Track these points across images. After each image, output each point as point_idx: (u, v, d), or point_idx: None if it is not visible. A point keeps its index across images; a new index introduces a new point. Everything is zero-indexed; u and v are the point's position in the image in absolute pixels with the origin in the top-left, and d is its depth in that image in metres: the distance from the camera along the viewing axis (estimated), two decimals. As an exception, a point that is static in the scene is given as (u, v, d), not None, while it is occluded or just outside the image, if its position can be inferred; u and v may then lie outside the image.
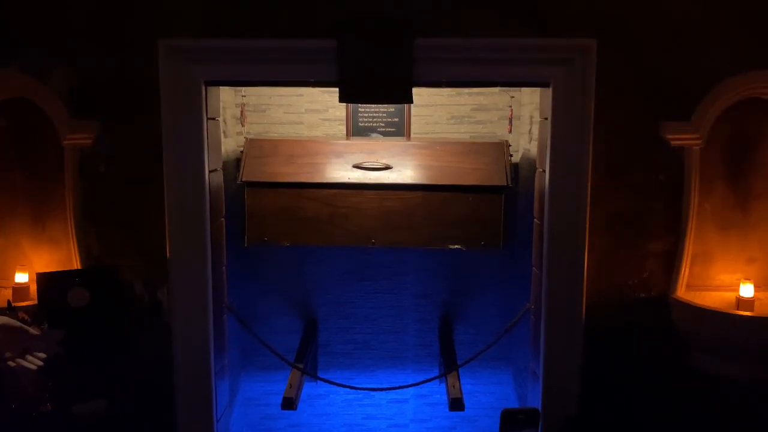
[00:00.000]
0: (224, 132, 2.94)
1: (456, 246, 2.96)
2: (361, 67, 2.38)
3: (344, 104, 3.19)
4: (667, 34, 2.43)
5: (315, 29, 2.39)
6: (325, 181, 2.97)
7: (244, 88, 3.14)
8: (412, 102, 2.46)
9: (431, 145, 3.07)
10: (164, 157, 2.46)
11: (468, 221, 2.96)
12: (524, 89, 3.10)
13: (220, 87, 2.72)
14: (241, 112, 3.20)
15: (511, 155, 3.08)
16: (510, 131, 3.21)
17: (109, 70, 2.49)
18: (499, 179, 2.95)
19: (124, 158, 2.54)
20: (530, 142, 3.00)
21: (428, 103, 3.23)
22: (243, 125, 3.21)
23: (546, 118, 2.53)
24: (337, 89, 2.43)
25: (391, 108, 3.21)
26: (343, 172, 2.98)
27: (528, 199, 2.92)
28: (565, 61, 2.41)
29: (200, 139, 2.49)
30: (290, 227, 2.99)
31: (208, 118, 2.53)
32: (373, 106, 3.20)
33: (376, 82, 2.39)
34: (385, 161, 3.00)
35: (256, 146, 3.08)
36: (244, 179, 2.98)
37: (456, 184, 2.96)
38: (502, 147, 3.05)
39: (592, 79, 2.40)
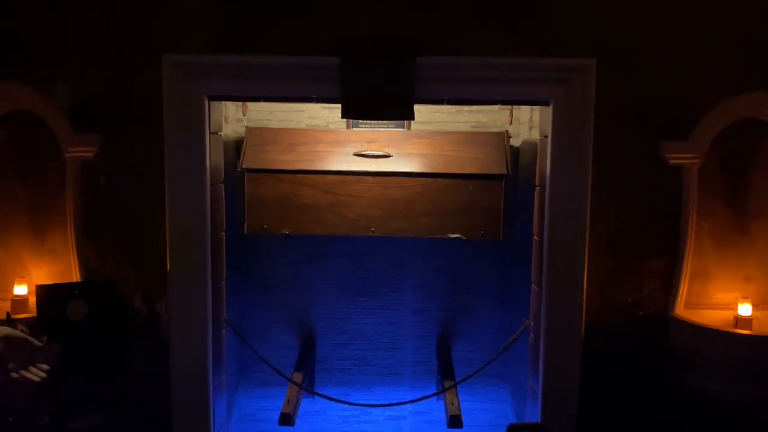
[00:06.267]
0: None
1: (456, 235, 2.97)
2: (363, 85, 2.40)
3: (345, 120, 3.21)
4: (666, 55, 2.46)
5: (318, 47, 2.41)
6: (325, 168, 2.98)
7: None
8: (413, 119, 2.48)
9: (431, 134, 3.10)
10: (166, 170, 2.47)
11: (468, 210, 2.97)
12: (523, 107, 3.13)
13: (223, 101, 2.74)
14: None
15: (511, 146, 3.10)
16: (510, 122, 3.22)
17: (112, 84, 2.50)
18: (499, 168, 2.97)
19: (126, 172, 2.55)
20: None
21: (428, 121, 3.26)
22: (244, 114, 3.21)
23: (545, 136, 2.55)
24: (338, 105, 2.45)
25: (392, 124, 3.23)
26: (343, 160, 2.99)
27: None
28: (565, 81, 2.44)
29: (202, 154, 2.50)
30: (290, 215, 3.00)
31: (210, 133, 2.54)
32: (373, 121, 3.22)
33: (377, 99, 2.41)
34: (385, 150, 3.02)
35: (257, 134, 3.09)
36: (244, 166, 2.98)
37: (456, 173, 2.97)
38: (502, 137, 3.07)
39: (591, 98, 2.42)
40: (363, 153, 3.00)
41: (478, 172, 2.97)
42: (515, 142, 3.20)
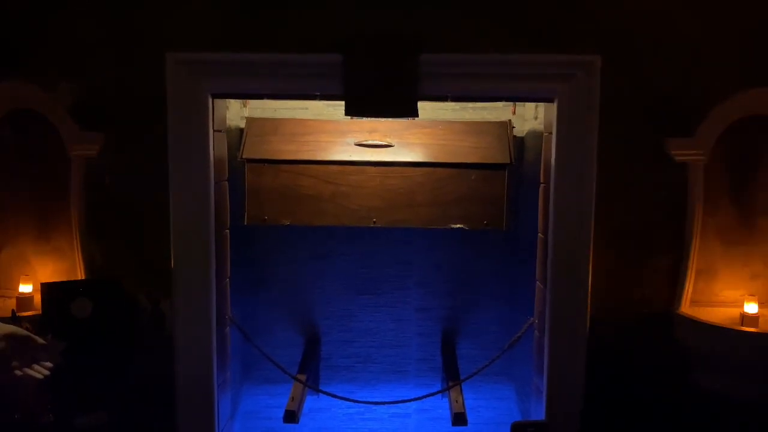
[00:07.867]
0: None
1: (458, 225, 2.95)
2: (367, 82, 2.39)
3: (349, 117, 3.20)
4: (671, 51, 2.45)
5: (321, 44, 2.41)
6: (326, 158, 2.97)
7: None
8: (417, 116, 2.47)
9: (433, 124, 3.09)
10: (169, 168, 2.47)
11: (470, 200, 2.96)
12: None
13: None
14: None
15: (514, 136, 3.08)
16: (514, 113, 3.21)
17: (116, 82, 2.51)
18: (501, 157, 2.95)
19: (130, 170, 2.55)
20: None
21: (432, 117, 3.24)
22: (244, 106, 3.21)
23: (550, 133, 2.54)
24: (342, 103, 2.45)
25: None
26: (344, 150, 2.99)
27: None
28: (569, 77, 2.42)
29: (206, 152, 2.50)
30: (291, 206, 2.98)
31: (214, 131, 2.54)
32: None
33: (381, 96, 2.41)
34: (387, 139, 3.01)
35: (257, 125, 3.09)
36: (244, 157, 2.97)
37: (458, 162, 2.96)
38: (505, 126, 3.06)
39: (596, 95, 2.41)
40: (364, 143, 2.99)
41: (480, 162, 2.95)
42: (518, 135, 3.18)
